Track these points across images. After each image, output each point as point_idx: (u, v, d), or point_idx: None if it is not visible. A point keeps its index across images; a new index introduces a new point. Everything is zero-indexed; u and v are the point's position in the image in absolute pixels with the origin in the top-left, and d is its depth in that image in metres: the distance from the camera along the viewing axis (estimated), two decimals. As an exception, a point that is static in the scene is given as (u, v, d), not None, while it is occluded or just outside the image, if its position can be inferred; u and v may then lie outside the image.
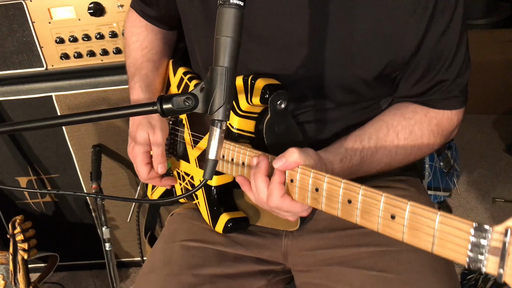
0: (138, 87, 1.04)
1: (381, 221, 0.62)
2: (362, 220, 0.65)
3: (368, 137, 0.88)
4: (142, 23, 1.12)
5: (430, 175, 2.00)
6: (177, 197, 0.89)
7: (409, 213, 0.59)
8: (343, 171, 0.85)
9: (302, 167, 0.73)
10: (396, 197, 0.61)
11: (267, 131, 0.87)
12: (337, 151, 0.85)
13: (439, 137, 0.93)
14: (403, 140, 0.89)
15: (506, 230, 0.50)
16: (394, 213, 0.61)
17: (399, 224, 0.60)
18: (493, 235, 0.51)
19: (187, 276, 0.91)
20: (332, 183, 0.68)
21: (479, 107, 2.72)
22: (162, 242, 1.02)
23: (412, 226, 0.59)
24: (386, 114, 0.92)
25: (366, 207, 0.64)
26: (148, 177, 1.01)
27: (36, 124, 0.76)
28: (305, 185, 0.73)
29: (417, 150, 0.91)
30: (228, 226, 0.95)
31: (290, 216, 0.81)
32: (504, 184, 2.25)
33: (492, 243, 0.52)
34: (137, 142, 0.98)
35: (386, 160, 0.90)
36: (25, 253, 1.48)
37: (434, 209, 0.57)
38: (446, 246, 0.56)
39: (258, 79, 0.86)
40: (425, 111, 0.91)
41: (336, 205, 0.68)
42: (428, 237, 0.57)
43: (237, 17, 0.68)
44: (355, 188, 0.65)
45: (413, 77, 0.88)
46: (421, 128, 0.90)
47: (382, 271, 0.84)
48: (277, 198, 0.75)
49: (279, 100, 0.84)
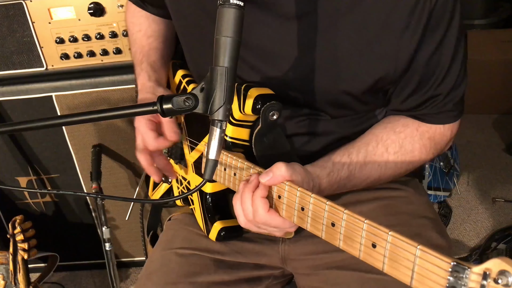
0: (145, 72, 1.03)
1: (363, 249, 0.61)
2: (344, 245, 0.64)
3: (356, 151, 0.87)
4: (142, 13, 1.12)
5: (430, 175, 2.00)
6: (176, 197, 0.89)
7: (390, 244, 0.57)
8: (330, 185, 0.84)
9: (290, 184, 0.72)
10: (378, 226, 0.59)
11: (256, 141, 0.86)
12: (324, 165, 0.84)
13: (432, 151, 0.91)
14: (392, 154, 0.88)
15: (484, 272, 0.48)
16: (375, 241, 0.59)
17: (379, 253, 0.59)
18: (471, 276, 0.49)
19: (184, 285, 0.90)
20: (317, 204, 0.67)
21: (479, 107, 2.72)
22: (160, 249, 1.01)
23: (392, 257, 0.57)
24: (377, 128, 0.91)
25: (349, 232, 0.63)
26: (157, 143, 0.93)
27: (36, 124, 0.76)
28: (291, 202, 0.72)
29: (408, 164, 0.90)
30: (221, 235, 0.94)
31: (277, 232, 0.80)
32: (504, 184, 2.25)
33: (470, 284, 0.49)
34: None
35: (376, 174, 0.89)
36: (25, 253, 1.48)
37: (414, 242, 0.55)
38: (424, 283, 0.54)
39: (251, 88, 0.84)
40: (417, 125, 0.89)
41: (321, 226, 0.67)
42: (407, 271, 0.56)
43: (237, 17, 0.68)
44: (338, 211, 0.64)
45: (405, 91, 0.86)
46: (411, 142, 0.89)
47: (381, 274, 0.83)
48: (263, 212, 0.74)
49: (271, 111, 0.83)
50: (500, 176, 2.31)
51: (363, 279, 0.84)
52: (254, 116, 0.86)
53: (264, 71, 0.88)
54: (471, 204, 2.17)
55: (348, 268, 0.87)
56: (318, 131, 0.93)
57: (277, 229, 0.78)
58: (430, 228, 0.92)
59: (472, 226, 2.05)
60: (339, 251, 0.90)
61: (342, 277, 0.87)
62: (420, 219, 0.93)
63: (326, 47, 0.82)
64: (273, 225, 0.76)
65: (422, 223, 0.93)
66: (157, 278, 0.93)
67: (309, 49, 0.83)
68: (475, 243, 1.97)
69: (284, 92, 0.87)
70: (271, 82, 0.86)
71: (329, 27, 0.81)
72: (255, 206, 0.75)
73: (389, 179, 0.92)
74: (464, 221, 2.08)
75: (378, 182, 0.91)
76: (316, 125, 0.92)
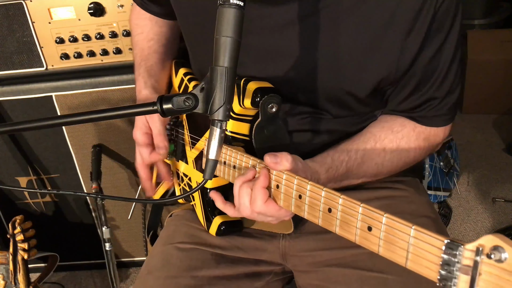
0: (142, 78, 1.05)
1: (359, 233, 0.62)
2: (341, 230, 0.65)
3: (355, 149, 0.89)
4: (146, 15, 1.12)
5: (430, 175, 2.00)
6: (176, 197, 0.89)
7: (385, 226, 0.58)
8: (328, 180, 0.86)
9: (287, 173, 0.73)
10: (374, 209, 0.60)
11: (256, 134, 0.86)
12: (323, 161, 0.85)
13: (425, 151, 0.93)
14: (389, 153, 0.90)
15: (477, 248, 0.48)
16: (371, 224, 0.60)
17: (375, 236, 0.59)
18: (465, 253, 0.49)
19: (186, 278, 0.91)
20: (314, 191, 0.68)
21: (479, 107, 2.72)
22: (161, 244, 1.02)
23: (388, 239, 0.58)
24: (375, 126, 0.92)
25: (345, 217, 0.64)
26: (150, 159, 1.00)
27: (36, 124, 0.76)
28: (289, 191, 0.72)
29: (403, 163, 0.92)
30: (221, 229, 0.95)
31: (273, 221, 0.80)
32: (504, 184, 2.25)
33: (464, 261, 0.49)
34: (137, 124, 0.99)
35: (372, 172, 0.91)
36: (25, 253, 1.48)
37: (409, 223, 0.56)
38: (419, 262, 0.54)
39: (250, 82, 0.85)
40: (413, 126, 0.91)
41: (317, 213, 0.68)
42: (402, 252, 0.56)
43: (237, 17, 0.68)
44: (335, 197, 0.65)
45: (403, 93, 0.87)
46: (408, 142, 0.90)
47: (382, 272, 0.84)
48: (260, 203, 0.75)
49: (270, 104, 0.83)
50: (500, 176, 2.31)
51: (363, 277, 0.85)
52: (254, 110, 0.87)
53: (267, 70, 0.88)
54: (471, 204, 2.17)
55: (348, 265, 0.88)
56: (319, 129, 0.93)
57: (273, 217, 0.79)
58: (430, 227, 0.91)
59: (472, 226, 2.05)
60: (339, 248, 0.91)
61: (342, 274, 0.87)
62: (421, 218, 0.94)
63: (329, 46, 0.82)
64: (269, 214, 0.77)
65: (422, 222, 0.93)
66: (158, 273, 0.94)
67: (312, 49, 0.83)
68: (475, 243, 1.96)
69: (287, 90, 0.87)
70: (274, 81, 0.87)
71: (332, 26, 0.81)
72: (254, 195, 0.75)
73: (385, 176, 0.94)
74: (464, 221, 2.08)
75: (374, 179, 0.93)
76: (317, 123, 0.93)
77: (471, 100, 2.70)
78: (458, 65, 0.86)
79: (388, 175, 0.94)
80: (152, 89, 1.04)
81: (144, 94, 1.03)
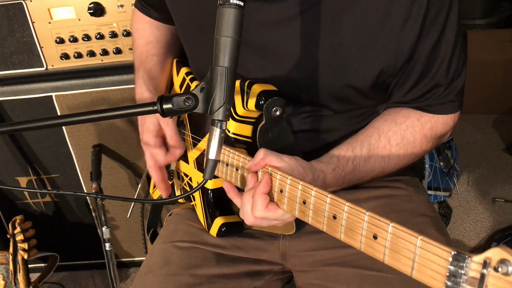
0: (141, 81, 1.05)
1: (364, 240, 0.62)
2: (345, 237, 0.65)
3: (360, 144, 0.88)
4: (145, 19, 1.13)
5: (430, 175, 2.00)
6: (177, 197, 0.89)
7: (391, 235, 0.58)
8: (336, 180, 0.85)
9: (292, 178, 0.72)
10: (380, 217, 0.60)
11: (261, 136, 0.86)
12: (329, 161, 0.85)
13: (432, 141, 0.92)
14: (395, 145, 0.89)
15: (484, 261, 0.48)
16: (376, 233, 0.60)
17: (380, 245, 0.59)
18: (471, 265, 0.49)
19: (185, 277, 0.91)
20: (319, 197, 0.68)
21: (479, 107, 2.72)
22: (161, 242, 1.02)
23: (393, 248, 0.58)
24: (377, 120, 0.92)
25: (350, 224, 0.63)
26: (166, 160, 1.00)
27: (36, 124, 0.76)
28: (293, 196, 0.72)
29: (410, 154, 0.91)
30: (222, 230, 0.95)
31: (279, 224, 0.80)
32: (504, 184, 2.26)
33: (470, 273, 0.49)
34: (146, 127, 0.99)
35: (380, 167, 0.90)
36: (25, 253, 1.48)
37: (415, 232, 0.56)
38: (425, 272, 0.54)
39: (255, 84, 0.85)
40: (419, 115, 0.90)
41: (322, 219, 0.68)
42: (407, 261, 0.56)
43: (237, 17, 0.68)
44: (340, 204, 0.65)
45: (407, 83, 0.87)
46: (413, 133, 0.89)
47: (381, 271, 0.84)
48: (260, 208, 0.75)
49: (274, 107, 0.83)
50: (500, 176, 2.31)
51: (362, 276, 0.85)
52: (257, 112, 0.87)
53: (267, 68, 0.88)
54: (471, 204, 2.17)
55: (348, 264, 0.88)
56: (321, 128, 0.93)
57: (278, 221, 0.79)
58: (430, 226, 0.92)
59: (472, 226, 2.05)
60: (339, 248, 0.91)
61: (342, 273, 0.87)
62: (420, 217, 0.94)
63: (329, 42, 0.83)
64: (272, 218, 0.77)
65: (422, 221, 0.93)
66: (158, 271, 0.94)
67: (312, 45, 0.83)
68: (475, 243, 1.97)
69: (287, 88, 0.87)
70: (275, 79, 0.87)
71: (331, 22, 0.81)
72: (254, 200, 0.75)
73: (393, 170, 0.92)
74: (464, 221, 2.08)
75: (383, 174, 0.92)
76: (319, 122, 0.93)
77: (471, 100, 2.70)
78: (461, 50, 0.86)
79: (396, 168, 0.92)
80: (150, 92, 1.04)
81: (143, 96, 1.03)
